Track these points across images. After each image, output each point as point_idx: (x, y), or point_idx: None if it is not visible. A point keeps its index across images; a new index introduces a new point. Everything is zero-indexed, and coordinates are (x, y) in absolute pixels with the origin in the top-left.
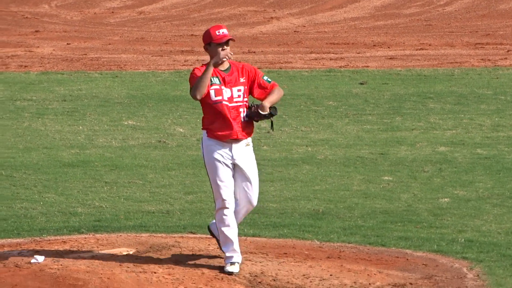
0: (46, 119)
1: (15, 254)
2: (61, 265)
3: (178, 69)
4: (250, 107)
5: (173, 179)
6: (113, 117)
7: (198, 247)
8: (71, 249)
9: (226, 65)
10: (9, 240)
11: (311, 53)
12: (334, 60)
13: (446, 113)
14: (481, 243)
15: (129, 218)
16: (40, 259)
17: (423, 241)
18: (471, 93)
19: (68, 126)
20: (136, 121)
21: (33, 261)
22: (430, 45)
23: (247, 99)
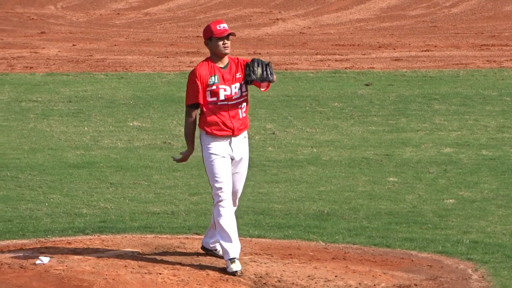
0: (51, 120)
1: (20, 255)
2: (66, 266)
3: (184, 70)
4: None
5: (178, 180)
6: (118, 118)
7: None
8: (76, 250)
9: (225, 61)
10: (14, 241)
11: (316, 54)
12: (339, 62)
13: (451, 114)
14: (486, 244)
15: (134, 219)
16: (45, 260)
17: (428, 242)
18: (476, 94)
19: (73, 127)
20: (141, 122)
21: (38, 262)
22: (435, 46)
23: (247, 92)
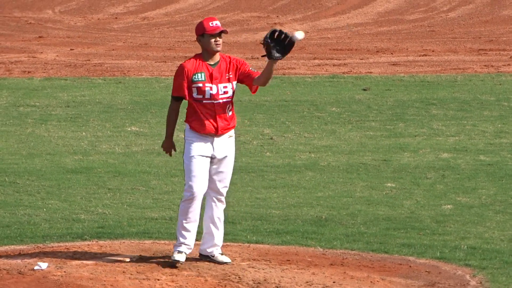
0: (49, 125)
1: (18, 260)
2: (65, 272)
3: None
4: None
5: (176, 185)
6: (116, 123)
7: None
8: (75, 256)
9: (216, 59)
10: (12, 247)
11: (314, 59)
12: (337, 66)
13: (449, 120)
14: (484, 250)
15: (132, 225)
16: (44, 266)
17: (426, 248)
18: (474, 99)
19: (71, 132)
20: (139, 127)
21: (36, 268)
22: (433, 51)
23: (234, 92)
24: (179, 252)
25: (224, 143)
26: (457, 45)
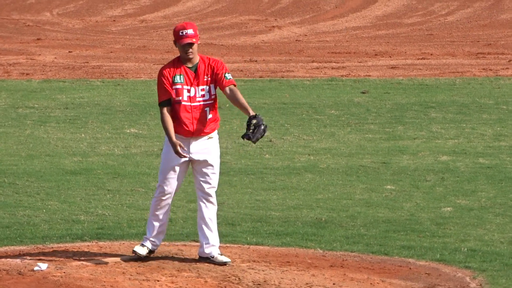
0: (48, 126)
1: (18, 261)
2: (64, 272)
3: None
4: (251, 128)
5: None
6: (115, 125)
7: None
8: (74, 257)
9: (195, 61)
10: (12, 248)
11: (312, 62)
12: (335, 69)
13: (448, 123)
14: (484, 252)
15: (132, 226)
16: (43, 266)
17: (426, 250)
18: (472, 102)
19: (70, 134)
20: (138, 129)
21: (36, 268)
22: (431, 54)
23: (215, 95)
24: (142, 246)
25: (202, 145)
26: (455, 49)
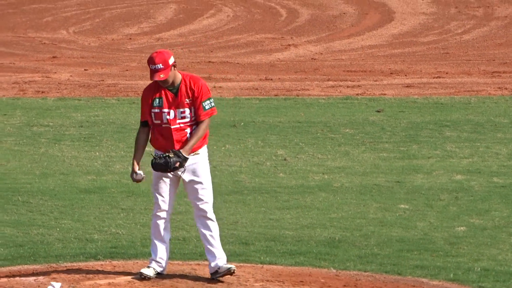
0: (62, 145)
1: (31, 280)
2: None
3: None
4: (165, 156)
5: (189, 205)
6: (130, 143)
7: None
8: (88, 276)
9: (176, 83)
10: (25, 267)
11: (328, 80)
12: (351, 88)
13: (463, 141)
14: (497, 272)
15: (146, 245)
16: (57, 286)
17: (439, 270)
18: (487, 121)
19: (84, 152)
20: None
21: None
22: (447, 73)
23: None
24: (148, 267)
25: (188, 162)
26: (471, 67)
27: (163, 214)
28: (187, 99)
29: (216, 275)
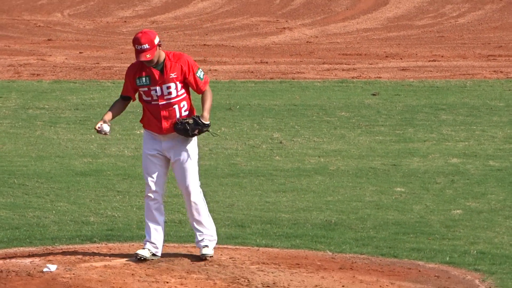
0: (58, 127)
1: (27, 263)
2: (74, 274)
3: None
4: (185, 122)
5: None
6: (125, 126)
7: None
8: (84, 258)
9: (160, 61)
10: (21, 249)
11: (323, 63)
12: (346, 71)
13: (458, 125)
14: (493, 255)
15: (141, 228)
16: (52, 268)
17: (435, 253)
18: (483, 104)
19: (80, 135)
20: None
21: (45, 270)
22: (442, 56)
23: (184, 92)
24: (143, 249)
25: (174, 142)
26: (466, 51)
27: (154, 195)
28: (172, 74)
29: (205, 255)
